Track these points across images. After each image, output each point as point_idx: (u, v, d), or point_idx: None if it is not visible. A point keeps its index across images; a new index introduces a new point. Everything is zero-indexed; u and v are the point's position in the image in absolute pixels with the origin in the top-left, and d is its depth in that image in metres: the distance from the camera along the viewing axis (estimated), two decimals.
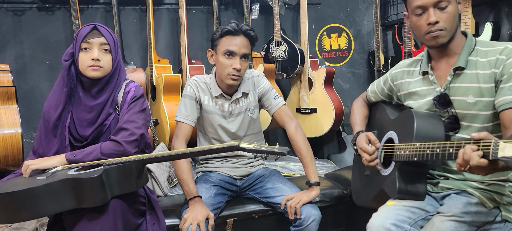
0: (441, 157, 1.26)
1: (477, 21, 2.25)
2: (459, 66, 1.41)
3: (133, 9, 2.78)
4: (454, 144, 1.21)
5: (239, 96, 1.91)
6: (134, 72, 2.61)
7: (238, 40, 1.80)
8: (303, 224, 1.74)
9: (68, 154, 1.55)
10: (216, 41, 1.84)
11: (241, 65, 1.80)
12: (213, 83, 1.91)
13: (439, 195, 1.47)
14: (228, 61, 1.80)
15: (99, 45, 1.58)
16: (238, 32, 1.80)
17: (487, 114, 1.38)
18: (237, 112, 1.94)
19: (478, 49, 1.42)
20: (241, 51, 1.80)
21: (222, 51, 1.81)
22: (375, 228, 1.35)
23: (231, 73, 1.80)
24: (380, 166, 1.56)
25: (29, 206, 1.38)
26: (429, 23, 1.38)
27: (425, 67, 1.51)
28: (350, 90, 3.28)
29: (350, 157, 2.92)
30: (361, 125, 1.73)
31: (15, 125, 2.20)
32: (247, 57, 1.83)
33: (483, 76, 1.37)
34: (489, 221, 1.35)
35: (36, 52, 2.62)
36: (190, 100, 1.88)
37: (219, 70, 1.84)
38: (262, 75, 2.00)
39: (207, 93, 1.91)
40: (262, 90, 1.96)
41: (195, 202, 1.72)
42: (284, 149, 1.39)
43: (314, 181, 1.84)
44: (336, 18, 3.25)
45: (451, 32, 1.40)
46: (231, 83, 1.83)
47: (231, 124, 1.94)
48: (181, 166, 1.78)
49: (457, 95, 1.42)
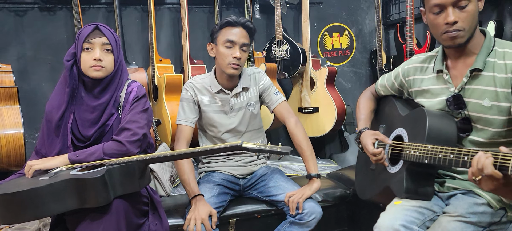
0: (454, 164, 1.22)
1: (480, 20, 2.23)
2: (476, 68, 1.35)
3: (135, 9, 2.78)
4: (469, 151, 1.16)
5: (239, 90, 1.94)
6: (136, 72, 2.61)
7: (237, 30, 1.86)
8: (303, 218, 1.75)
9: (70, 154, 1.54)
10: (216, 33, 1.89)
11: (241, 55, 1.84)
12: (212, 80, 1.94)
13: (445, 195, 1.46)
14: (228, 51, 1.84)
15: (101, 45, 1.58)
16: (237, 24, 1.86)
17: (502, 119, 1.33)
18: (238, 107, 1.96)
19: (497, 50, 1.35)
20: (241, 41, 1.85)
21: (222, 41, 1.86)
22: (384, 228, 1.33)
23: (232, 62, 1.84)
24: (387, 163, 1.54)
25: (32, 206, 1.37)
26: (447, 23, 1.32)
27: (440, 66, 1.45)
28: (352, 89, 3.27)
29: (352, 156, 2.91)
30: (365, 121, 1.70)
31: (17, 125, 2.21)
32: (246, 47, 1.88)
33: (499, 80, 1.31)
34: (495, 221, 1.33)
35: (38, 53, 2.62)
36: (187, 103, 1.92)
37: (220, 60, 1.88)
38: (263, 72, 2.04)
39: (204, 92, 1.94)
40: (263, 86, 2.00)
41: (197, 201, 1.73)
42: (286, 148, 1.38)
43: (314, 173, 1.86)
44: (338, 17, 3.24)
45: (470, 32, 1.34)
46: (232, 72, 1.86)
47: (232, 118, 1.95)
48: (182, 166, 1.81)
49: (473, 97, 1.37)
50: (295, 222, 1.77)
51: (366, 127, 1.65)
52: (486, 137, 1.37)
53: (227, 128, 1.95)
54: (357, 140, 1.64)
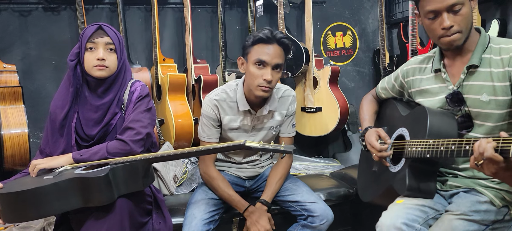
0: (456, 154, 1.23)
1: (483, 18, 2.23)
2: (472, 64, 1.38)
3: (138, 9, 2.79)
4: (471, 140, 1.17)
5: (265, 113, 1.81)
6: (139, 72, 2.62)
7: (271, 49, 1.68)
8: (315, 221, 1.74)
9: (74, 153, 1.55)
10: (248, 49, 1.73)
11: (272, 76, 1.67)
12: (241, 97, 1.79)
13: (448, 193, 1.46)
14: (258, 71, 1.68)
15: (104, 45, 1.59)
16: (272, 40, 1.68)
17: (501, 113, 1.35)
18: (259, 127, 1.87)
19: (492, 46, 1.39)
20: (274, 62, 1.68)
21: (253, 60, 1.69)
22: (386, 227, 1.33)
23: (262, 84, 1.68)
24: (389, 163, 1.54)
25: (37, 205, 1.38)
26: (444, 28, 1.34)
27: (438, 65, 1.48)
28: (355, 89, 3.26)
29: (355, 155, 2.91)
30: (370, 121, 1.71)
31: (22, 125, 2.22)
32: (279, 68, 1.71)
33: (497, 74, 1.34)
34: (498, 219, 1.34)
35: (42, 53, 2.63)
36: (209, 120, 1.81)
37: (249, 79, 1.72)
38: (295, 97, 1.92)
39: (228, 111, 1.81)
40: (290, 113, 1.90)
41: (251, 213, 1.74)
42: (290, 147, 1.39)
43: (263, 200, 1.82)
44: (341, 17, 3.24)
45: (466, 33, 1.37)
46: (261, 95, 1.71)
47: (252, 137, 1.87)
48: (217, 185, 1.79)
49: (471, 93, 1.39)
50: (307, 226, 1.76)
51: (371, 126, 1.66)
52: (486, 132, 1.39)
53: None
54: (362, 138, 1.65)
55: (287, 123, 1.91)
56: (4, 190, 1.44)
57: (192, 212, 1.72)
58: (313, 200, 1.79)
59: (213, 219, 1.75)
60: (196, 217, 1.69)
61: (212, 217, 1.74)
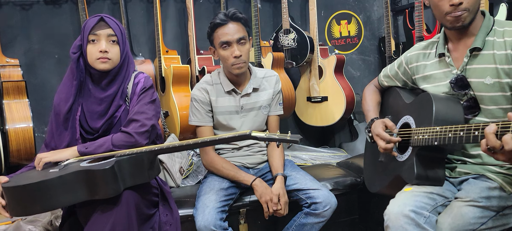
0: (465, 140, 1.21)
1: (491, 2, 2.19)
2: (476, 46, 1.36)
3: (140, 1, 2.77)
4: (479, 125, 1.16)
5: (249, 91, 1.91)
6: (142, 64, 2.60)
7: (229, 28, 1.79)
8: (318, 208, 1.74)
9: (79, 146, 1.55)
10: (211, 37, 1.85)
11: (240, 51, 1.79)
12: (223, 78, 1.91)
13: (457, 180, 1.44)
14: (227, 52, 1.80)
15: (107, 37, 1.57)
16: (226, 20, 1.79)
17: (506, 95, 1.34)
18: (249, 107, 1.93)
19: (496, 29, 1.38)
20: (235, 37, 1.79)
21: (218, 44, 1.81)
22: (394, 215, 1.31)
23: (234, 63, 1.80)
24: (396, 152, 1.52)
25: (43, 198, 1.38)
26: (452, 4, 1.33)
27: (442, 49, 1.47)
28: (361, 77, 3.23)
29: (362, 145, 2.89)
30: (374, 112, 1.69)
31: (26, 119, 2.22)
32: (244, 40, 1.81)
33: (499, 57, 1.33)
34: (508, 205, 1.32)
35: (44, 46, 2.62)
36: (201, 104, 1.89)
37: (224, 63, 1.85)
38: (279, 78, 2.01)
39: (215, 93, 1.90)
40: (277, 90, 1.98)
41: (257, 185, 1.78)
42: (296, 136, 1.37)
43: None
44: (345, 5, 3.20)
45: (474, 13, 1.36)
46: (238, 72, 1.83)
47: (243, 118, 1.92)
48: (220, 166, 1.85)
49: (474, 77, 1.38)
50: (310, 213, 1.77)
51: (377, 117, 1.64)
52: (493, 116, 1.37)
53: (239, 128, 1.92)
54: (368, 129, 1.62)
55: (275, 101, 1.98)
56: (10, 183, 1.43)
57: (204, 202, 1.73)
58: (316, 187, 1.80)
59: (224, 209, 1.76)
60: (208, 206, 1.70)
61: (223, 206, 1.75)
